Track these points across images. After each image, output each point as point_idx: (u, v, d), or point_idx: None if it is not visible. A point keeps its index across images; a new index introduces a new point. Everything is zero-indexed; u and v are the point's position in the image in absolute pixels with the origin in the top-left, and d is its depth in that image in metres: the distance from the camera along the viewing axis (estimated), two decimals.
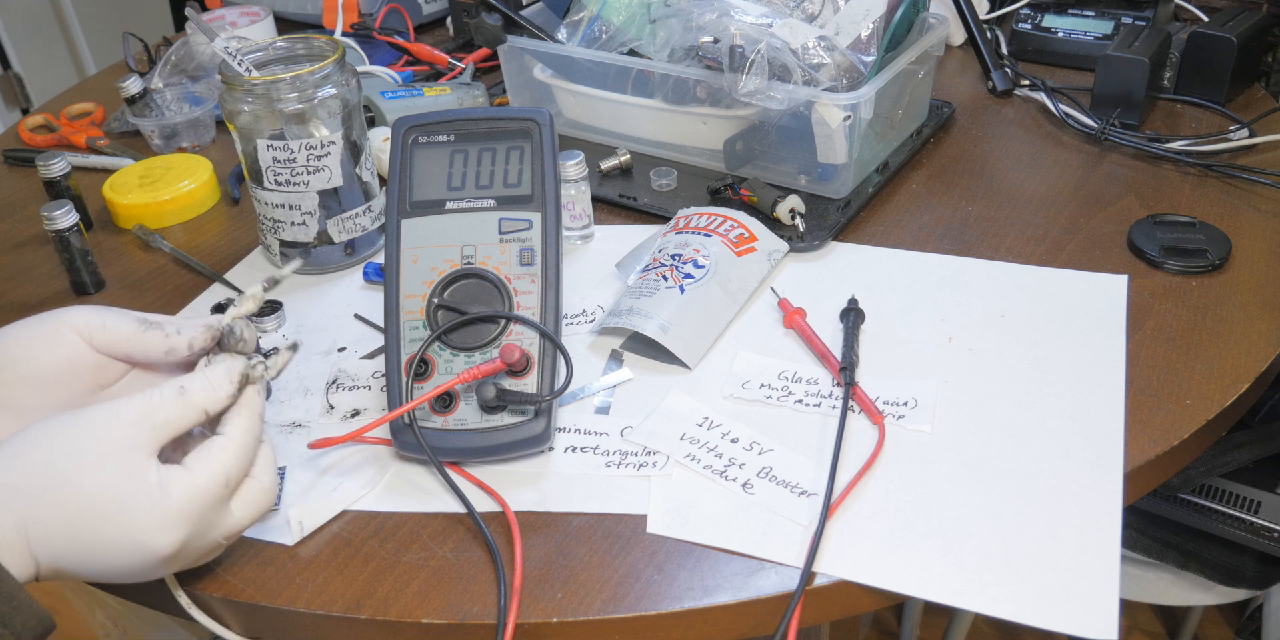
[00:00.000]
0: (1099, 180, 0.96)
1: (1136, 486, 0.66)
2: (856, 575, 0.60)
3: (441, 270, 0.71)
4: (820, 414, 0.71)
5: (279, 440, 0.72)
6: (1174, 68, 1.08)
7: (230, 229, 0.99)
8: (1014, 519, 0.62)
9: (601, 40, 1.00)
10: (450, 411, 0.68)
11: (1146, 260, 0.84)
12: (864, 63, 0.91)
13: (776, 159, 0.97)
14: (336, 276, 0.90)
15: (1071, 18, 1.19)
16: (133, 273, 0.93)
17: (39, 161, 0.97)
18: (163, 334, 0.60)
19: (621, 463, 0.68)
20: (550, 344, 0.69)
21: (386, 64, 1.25)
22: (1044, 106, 1.09)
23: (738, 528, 0.63)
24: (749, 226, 0.84)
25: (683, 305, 0.77)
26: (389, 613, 0.60)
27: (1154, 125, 1.05)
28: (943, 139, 1.06)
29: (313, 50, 0.87)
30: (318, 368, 0.79)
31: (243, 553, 0.64)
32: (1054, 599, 0.57)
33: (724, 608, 0.59)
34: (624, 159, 1.00)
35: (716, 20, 0.90)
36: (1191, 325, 0.77)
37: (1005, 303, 0.80)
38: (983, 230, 0.90)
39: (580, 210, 0.90)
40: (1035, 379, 0.72)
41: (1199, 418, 0.69)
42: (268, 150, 0.83)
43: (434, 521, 0.65)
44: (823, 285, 0.84)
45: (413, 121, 0.75)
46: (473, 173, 0.74)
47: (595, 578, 0.61)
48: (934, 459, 0.67)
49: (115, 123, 1.20)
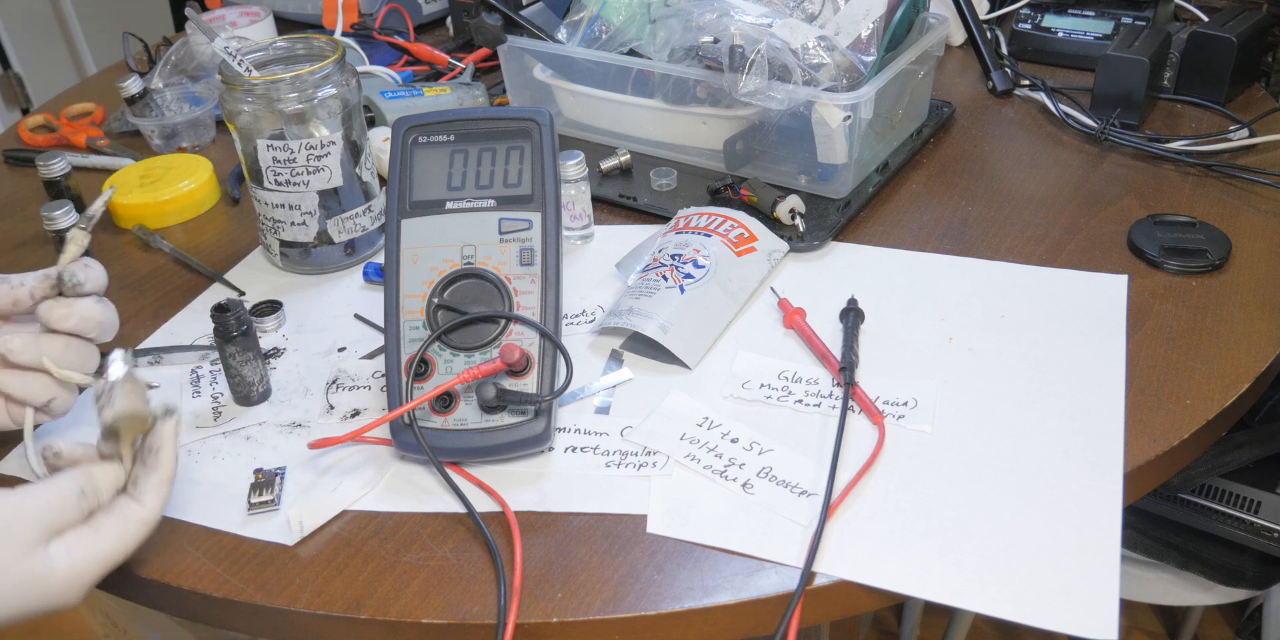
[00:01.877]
0: (1099, 180, 0.96)
1: (1136, 486, 0.66)
2: (856, 575, 0.59)
3: (441, 270, 0.71)
4: (820, 414, 0.71)
5: (279, 440, 0.72)
6: (1174, 68, 1.08)
7: (230, 229, 0.99)
8: (1014, 519, 0.62)
9: (601, 40, 1.00)
10: (450, 411, 0.68)
11: (1146, 260, 0.84)
12: (864, 63, 0.91)
13: (776, 159, 0.97)
14: (336, 276, 0.90)
15: (1071, 18, 1.19)
16: (133, 273, 0.93)
17: (39, 161, 0.97)
18: (8, 287, 0.64)
19: (621, 463, 0.68)
20: (550, 344, 0.69)
21: (386, 64, 1.25)
22: (1044, 106, 1.09)
23: (738, 528, 0.63)
24: (749, 226, 0.84)
25: (683, 305, 0.77)
26: (389, 613, 0.60)
27: (1154, 125, 1.05)
28: (943, 139, 1.06)
29: (313, 50, 0.87)
30: (318, 368, 0.79)
31: (243, 553, 0.64)
32: (1054, 599, 0.57)
33: (724, 608, 0.59)
34: (624, 159, 1.00)
35: (716, 20, 0.90)
36: (1191, 325, 0.77)
37: (1005, 303, 0.80)
38: (983, 230, 0.90)
39: (580, 210, 0.90)
40: (1035, 379, 0.72)
41: (1199, 418, 0.69)
42: (268, 150, 0.83)
43: (434, 521, 0.65)
44: (823, 285, 0.84)
45: (413, 121, 0.75)
46: (473, 173, 0.74)
47: (595, 578, 0.61)
48: (934, 459, 0.67)
49: (115, 123, 1.20)
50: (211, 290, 0.90)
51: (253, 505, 0.66)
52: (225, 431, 0.73)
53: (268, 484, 0.67)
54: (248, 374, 0.74)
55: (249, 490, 0.67)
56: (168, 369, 0.80)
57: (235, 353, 0.73)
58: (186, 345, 0.82)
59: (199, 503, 0.68)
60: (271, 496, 0.67)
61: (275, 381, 0.78)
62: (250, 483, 0.68)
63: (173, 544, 0.65)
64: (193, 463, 0.71)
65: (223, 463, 0.71)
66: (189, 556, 0.64)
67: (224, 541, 0.65)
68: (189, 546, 0.65)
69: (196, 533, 0.66)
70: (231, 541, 0.65)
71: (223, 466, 0.70)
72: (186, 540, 0.65)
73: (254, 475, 0.68)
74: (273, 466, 0.69)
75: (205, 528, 0.66)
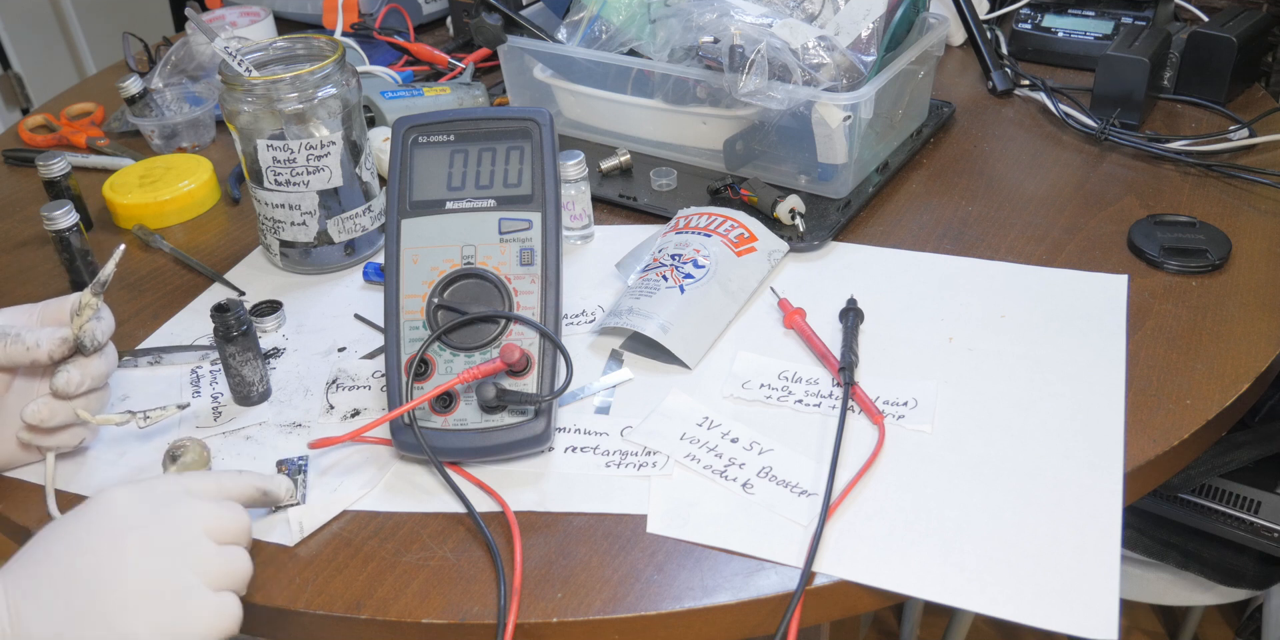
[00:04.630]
0: (1099, 180, 0.96)
1: (1136, 486, 0.66)
2: (856, 575, 0.59)
3: (441, 270, 0.71)
4: (820, 414, 0.71)
5: (279, 440, 0.72)
6: (1174, 68, 1.08)
7: (230, 229, 0.99)
8: (1014, 519, 0.62)
9: (601, 40, 1.00)
10: (450, 411, 0.68)
11: (1146, 260, 0.84)
12: (864, 63, 0.91)
13: (776, 159, 0.97)
14: (336, 276, 0.90)
15: (1071, 18, 1.19)
16: (133, 273, 0.93)
17: (39, 161, 0.97)
18: (23, 348, 0.65)
19: (621, 463, 0.68)
20: (550, 344, 0.69)
21: (386, 64, 1.25)
22: (1044, 106, 1.09)
23: (738, 528, 0.63)
24: (749, 226, 0.84)
25: (683, 305, 0.77)
26: (389, 613, 0.60)
27: (1154, 125, 1.05)
28: (943, 139, 1.06)
29: (313, 50, 0.87)
30: (318, 368, 0.79)
31: None
32: (1054, 599, 0.57)
33: (724, 608, 0.59)
34: (624, 159, 1.00)
35: (716, 20, 0.90)
36: (1191, 325, 0.77)
37: (1005, 303, 0.80)
38: (983, 230, 0.90)
39: (580, 210, 0.90)
40: (1035, 379, 0.72)
41: (1199, 418, 0.69)
42: (268, 150, 0.83)
43: (434, 521, 0.65)
44: (822, 285, 0.84)
45: (413, 121, 0.75)
46: (473, 173, 0.74)
47: (595, 578, 0.61)
48: (934, 459, 0.67)
49: (115, 123, 1.20)
50: (211, 290, 0.90)
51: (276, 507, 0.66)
52: (225, 431, 0.73)
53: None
54: (248, 374, 0.74)
55: None
56: (168, 369, 0.80)
57: (235, 353, 0.73)
58: (186, 345, 0.82)
59: None
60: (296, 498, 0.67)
61: (275, 381, 0.78)
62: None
63: None
64: None
65: (223, 463, 0.71)
66: None
67: None
68: None
69: None
70: None
71: (223, 466, 0.70)
72: None
73: (276, 467, 0.69)
74: (295, 459, 0.70)
75: None
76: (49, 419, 0.66)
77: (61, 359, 0.66)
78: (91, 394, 0.68)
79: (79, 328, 0.65)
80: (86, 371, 0.66)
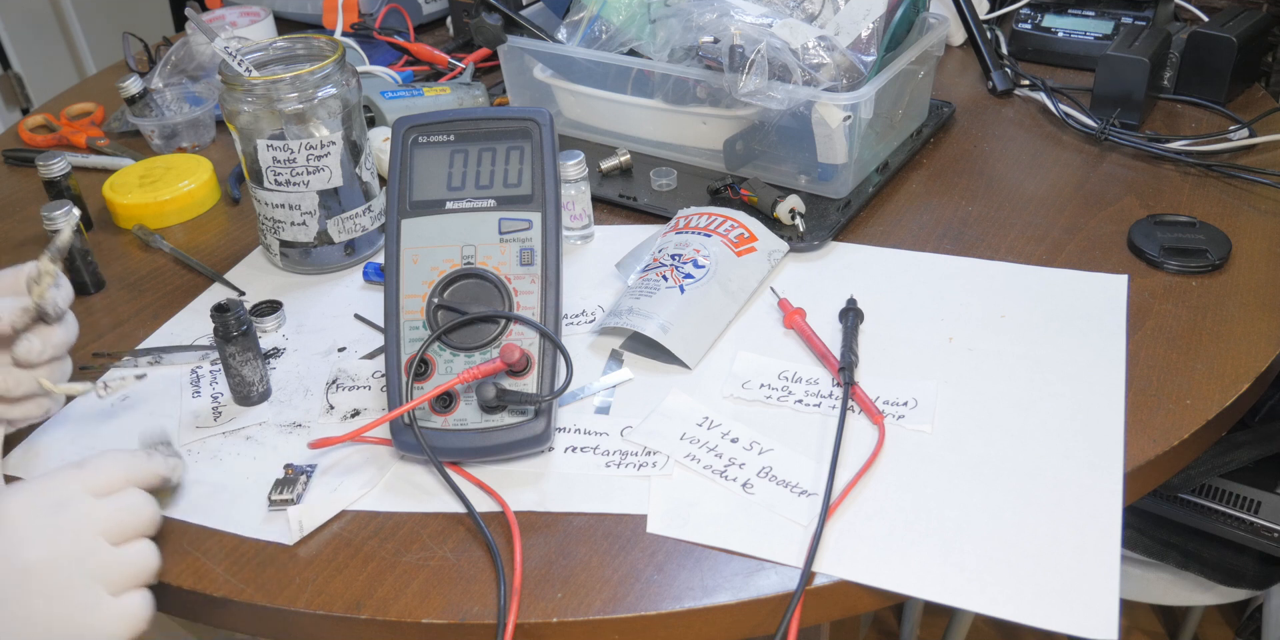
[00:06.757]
0: (1099, 180, 0.96)
1: (1136, 486, 0.66)
2: (856, 575, 0.59)
3: (441, 270, 0.71)
4: (820, 414, 0.71)
5: (279, 440, 0.72)
6: (1174, 68, 1.08)
7: (230, 229, 0.99)
8: (1014, 519, 0.62)
9: (601, 40, 1.00)
10: (450, 411, 0.68)
11: (1146, 260, 0.84)
12: (864, 63, 0.91)
13: (776, 159, 0.97)
14: (336, 276, 0.90)
15: (1071, 18, 1.19)
16: (133, 273, 0.93)
17: (39, 161, 0.97)
18: None
19: (621, 463, 0.68)
20: (550, 344, 0.69)
21: (386, 64, 1.25)
22: (1044, 106, 1.09)
23: (738, 528, 0.63)
24: (749, 226, 0.84)
25: (683, 305, 0.77)
26: (389, 613, 0.60)
27: (1154, 125, 1.05)
28: (943, 139, 1.06)
29: (313, 50, 0.87)
30: (318, 368, 0.79)
31: (243, 553, 0.64)
32: (1054, 599, 0.57)
33: (724, 608, 0.59)
34: (624, 159, 1.00)
35: (716, 20, 0.90)
36: (1191, 325, 0.77)
37: (1005, 303, 0.80)
38: (983, 230, 0.90)
39: (580, 210, 0.90)
40: (1035, 379, 0.72)
41: (1199, 418, 0.69)
42: (268, 150, 0.83)
43: (434, 521, 0.65)
44: (822, 285, 0.84)
45: (413, 121, 0.75)
46: (473, 173, 0.74)
47: (595, 578, 0.61)
48: (934, 459, 0.67)
49: (115, 123, 1.20)
50: (211, 290, 0.90)
51: (274, 502, 0.67)
52: (225, 431, 0.73)
53: (290, 482, 0.68)
54: (248, 374, 0.74)
55: (271, 488, 0.67)
56: (168, 369, 0.80)
57: (235, 353, 0.73)
58: (186, 345, 0.82)
59: (199, 503, 0.68)
60: (293, 495, 0.67)
61: (275, 381, 0.78)
62: (277, 478, 0.68)
63: (173, 544, 0.65)
64: (193, 463, 0.71)
65: (223, 463, 0.71)
66: (189, 557, 0.64)
67: (224, 541, 0.65)
68: (189, 547, 0.65)
69: (197, 533, 0.66)
70: (231, 541, 0.65)
71: (223, 467, 0.70)
72: (187, 540, 0.65)
73: (284, 470, 0.69)
74: (303, 463, 0.70)
75: (205, 528, 0.66)
76: (13, 389, 0.67)
77: (24, 328, 0.66)
78: (54, 363, 0.69)
79: (39, 296, 0.66)
80: (48, 340, 0.67)
